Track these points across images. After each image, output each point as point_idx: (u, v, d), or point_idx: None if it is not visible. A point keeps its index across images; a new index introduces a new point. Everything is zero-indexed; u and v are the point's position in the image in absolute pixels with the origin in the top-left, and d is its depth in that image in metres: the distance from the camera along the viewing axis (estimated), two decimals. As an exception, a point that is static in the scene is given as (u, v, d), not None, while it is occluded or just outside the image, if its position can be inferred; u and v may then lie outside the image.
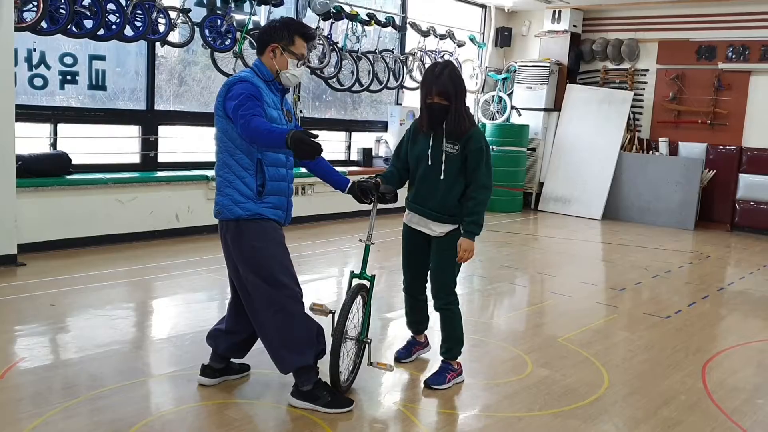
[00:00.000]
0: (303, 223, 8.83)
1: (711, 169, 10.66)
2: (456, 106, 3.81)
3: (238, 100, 3.38)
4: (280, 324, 3.56)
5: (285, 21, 3.67)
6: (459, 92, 3.84)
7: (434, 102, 3.81)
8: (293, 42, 3.59)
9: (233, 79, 3.54)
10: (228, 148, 3.51)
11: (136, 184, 7.43)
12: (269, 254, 3.56)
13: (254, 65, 3.62)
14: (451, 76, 3.80)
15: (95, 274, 6.14)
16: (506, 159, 11.35)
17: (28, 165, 6.58)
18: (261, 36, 3.66)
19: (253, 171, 3.51)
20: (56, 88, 7.10)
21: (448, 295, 4.03)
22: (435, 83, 3.79)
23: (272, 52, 3.58)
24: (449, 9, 11.64)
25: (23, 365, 4.09)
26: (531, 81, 11.75)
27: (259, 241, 3.54)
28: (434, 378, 4.03)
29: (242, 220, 3.52)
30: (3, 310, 5.15)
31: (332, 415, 3.57)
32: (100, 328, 4.82)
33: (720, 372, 4.58)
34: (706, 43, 10.70)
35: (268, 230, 3.57)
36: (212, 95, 8.74)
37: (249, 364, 4.09)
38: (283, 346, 3.58)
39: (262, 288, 3.54)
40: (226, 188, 3.53)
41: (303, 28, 3.67)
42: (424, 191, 3.95)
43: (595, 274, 7.55)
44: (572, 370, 4.43)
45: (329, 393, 3.65)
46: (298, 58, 3.61)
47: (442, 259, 3.98)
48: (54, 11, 6.49)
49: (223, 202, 3.54)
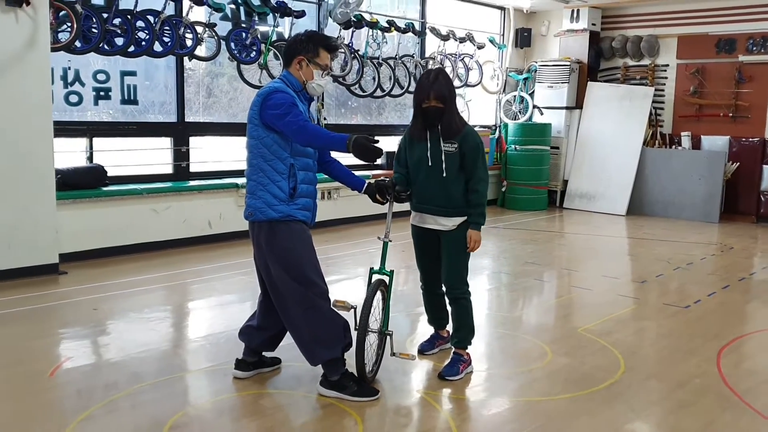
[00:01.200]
0: (329, 226, 9.07)
1: (734, 162, 10.68)
2: (450, 108, 4.05)
3: (281, 109, 3.64)
4: (310, 320, 3.79)
5: (309, 34, 3.91)
6: (452, 95, 4.10)
7: (431, 105, 4.02)
8: (318, 54, 3.83)
9: (268, 89, 3.76)
10: (263, 154, 3.74)
11: (170, 193, 7.73)
12: (300, 254, 3.79)
13: (283, 76, 3.86)
14: (445, 81, 4.06)
15: (133, 280, 6.43)
16: (530, 158, 11.48)
17: (66, 178, 6.90)
18: (287, 49, 3.91)
19: (286, 175, 3.74)
20: (90, 103, 7.42)
21: (461, 284, 4.22)
22: (432, 88, 4.01)
23: (298, 64, 3.82)
24: (468, 12, 11.82)
25: (69, 364, 4.36)
26: (552, 80, 11.87)
27: (291, 242, 3.77)
28: (448, 369, 4.22)
29: (274, 221, 3.75)
30: (48, 315, 5.46)
31: (359, 404, 3.78)
32: (139, 330, 5.09)
33: (736, 356, 4.70)
34: (725, 37, 10.73)
35: (298, 231, 3.80)
36: (239, 106, 9.05)
37: (280, 358, 4.32)
38: (313, 340, 3.81)
39: (294, 287, 3.77)
40: (260, 191, 3.75)
41: (327, 41, 3.92)
42: (428, 191, 4.16)
43: (617, 268, 7.66)
44: (590, 357, 4.59)
45: (355, 383, 3.86)
46: (323, 69, 3.86)
47: (454, 251, 4.18)
48: (87, 31, 6.83)
49: (256, 204, 3.77)
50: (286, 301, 3.82)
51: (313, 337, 3.81)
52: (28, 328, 5.10)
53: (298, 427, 3.61)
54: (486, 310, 5.94)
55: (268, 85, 3.84)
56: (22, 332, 4.98)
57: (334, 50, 3.94)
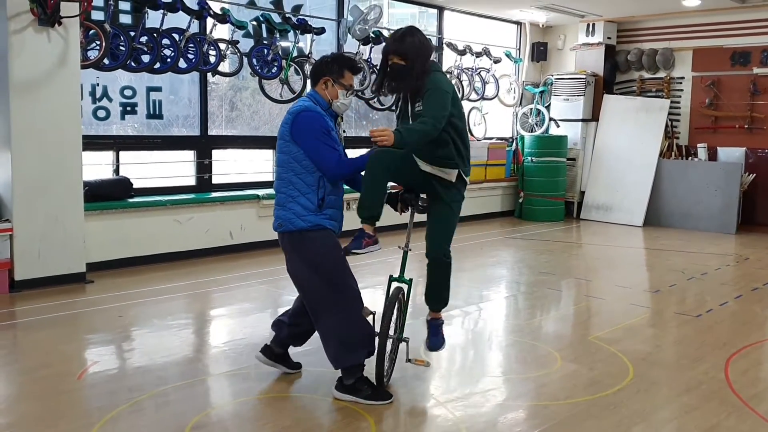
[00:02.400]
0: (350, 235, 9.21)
1: (751, 173, 10.72)
2: (413, 66, 3.90)
3: (318, 134, 3.90)
4: (340, 325, 3.97)
5: (335, 56, 4.22)
6: (419, 52, 3.92)
7: (393, 62, 3.95)
8: (343, 75, 4.08)
9: (298, 108, 4.00)
10: (293, 168, 3.95)
11: (193, 205, 7.96)
12: (333, 259, 4.00)
13: (311, 95, 4.11)
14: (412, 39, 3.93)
15: (157, 289, 6.65)
16: (546, 169, 11.60)
17: (93, 190, 7.14)
18: (314, 69, 4.18)
19: (315, 187, 3.95)
20: (117, 118, 7.68)
21: (448, 246, 4.15)
22: (395, 42, 3.95)
23: (324, 84, 4.08)
24: (485, 27, 12.00)
25: (96, 368, 4.55)
26: (568, 93, 11.99)
27: (322, 248, 3.98)
28: (436, 341, 4.33)
29: (304, 230, 3.96)
30: (76, 321, 5.68)
31: (375, 408, 3.92)
32: (163, 336, 5.29)
33: (744, 364, 4.79)
34: (739, 49, 10.80)
35: (327, 238, 4.02)
36: (261, 119, 9.27)
37: (301, 363, 4.49)
38: (341, 344, 3.98)
39: (326, 292, 3.97)
40: (290, 203, 3.97)
41: (351, 62, 4.19)
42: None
43: (631, 278, 7.75)
44: (599, 364, 4.70)
45: (370, 387, 4.02)
46: (347, 89, 4.11)
47: (447, 210, 4.11)
48: (115, 49, 7.08)
49: (286, 216, 3.97)
50: (318, 305, 4.01)
51: (340, 341, 3.98)
52: (56, 333, 5.31)
53: (315, 428, 3.76)
54: (502, 318, 6.09)
55: (298, 104, 4.07)
56: (51, 337, 5.20)
57: (358, 71, 4.21)
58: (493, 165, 11.63)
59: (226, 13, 7.93)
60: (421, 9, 11.29)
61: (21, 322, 5.67)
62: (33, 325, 5.54)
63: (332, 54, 4.24)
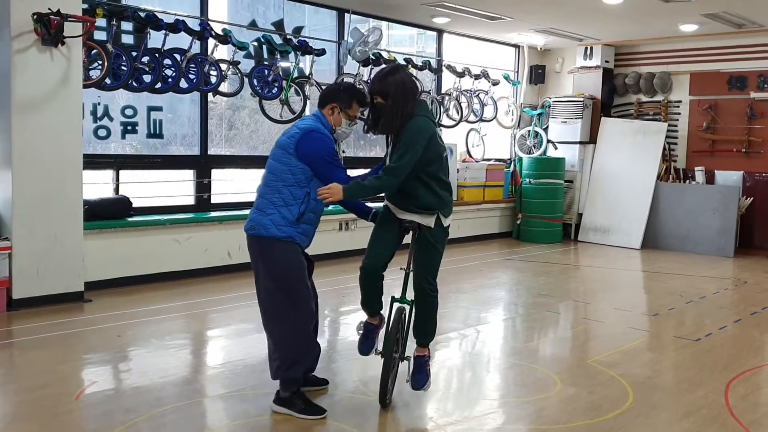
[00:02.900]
0: (346, 257, 9.25)
1: (748, 197, 10.76)
2: (392, 105, 3.95)
3: (329, 156, 4.03)
4: (286, 338, 4.08)
5: (348, 86, 4.42)
6: (398, 91, 3.96)
7: (376, 101, 4.04)
8: (351, 106, 4.22)
9: (306, 126, 4.10)
10: (286, 179, 4.03)
11: (191, 224, 7.96)
12: (296, 273, 4.09)
13: (317, 115, 4.22)
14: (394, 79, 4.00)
15: (155, 308, 6.63)
16: (544, 191, 11.63)
17: (93, 209, 7.15)
18: (326, 93, 4.31)
19: (300, 201, 4.04)
20: (118, 137, 7.70)
21: (435, 280, 4.17)
22: (376, 83, 4.04)
23: (331, 109, 4.21)
24: (483, 50, 12.10)
25: (94, 388, 4.53)
26: (566, 115, 12.06)
27: (288, 260, 4.06)
28: (420, 379, 4.21)
29: (275, 239, 4.03)
30: (73, 340, 5.65)
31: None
32: (161, 356, 5.27)
33: (744, 388, 4.78)
34: (736, 74, 10.90)
35: (294, 252, 4.09)
36: (260, 138, 9.31)
37: (327, 380, 4.56)
38: (283, 357, 4.07)
39: (282, 302, 4.07)
40: (270, 210, 4.04)
41: (362, 96, 4.31)
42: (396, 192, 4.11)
43: (630, 301, 7.75)
44: (599, 387, 4.69)
45: (304, 401, 4.10)
46: (351, 119, 4.25)
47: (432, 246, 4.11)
48: (117, 68, 7.12)
49: (263, 221, 4.04)
50: (271, 314, 4.12)
51: (283, 353, 4.07)
52: (54, 352, 5.29)
53: (314, 450, 3.75)
54: (500, 340, 6.08)
55: (306, 121, 4.17)
56: (49, 357, 5.18)
57: (367, 105, 4.26)
58: (491, 186, 11.66)
59: (228, 34, 7.99)
60: (419, 31, 11.38)
61: (18, 341, 5.65)
62: (30, 344, 5.52)
63: (345, 83, 4.45)
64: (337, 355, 5.41)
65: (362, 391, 4.55)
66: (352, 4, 9.40)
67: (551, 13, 9.82)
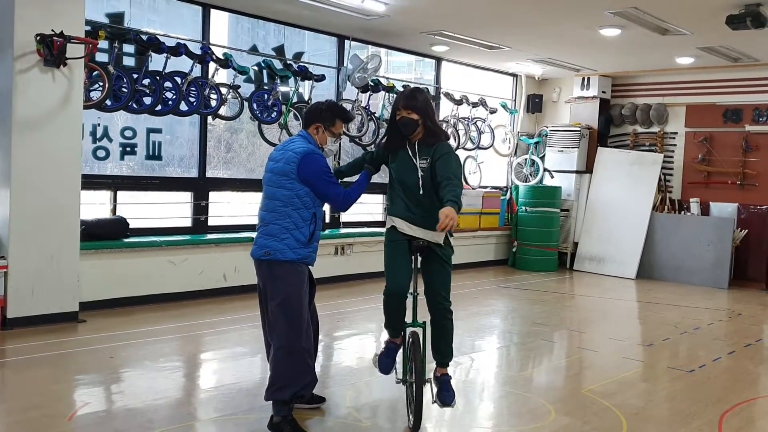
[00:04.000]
0: (342, 281, 9.25)
1: (743, 229, 10.82)
2: (424, 121, 4.16)
3: (326, 175, 4.17)
4: (283, 360, 4.12)
5: (330, 105, 4.43)
6: (428, 109, 4.18)
7: (402, 116, 4.16)
8: (334, 123, 4.33)
9: (304, 149, 4.19)
10: (294, 203, 4.14)
11: (188, 246, 7.96)
12: (299, 299, 4.16)
13: (305, 135, 4.31)
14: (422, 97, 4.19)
15: (149, 330, 6.61)
16: (540, 219, 11.68)
17: (90, 229, 7.15)
18: (308, 114, 4.40)
19: (309, 222, 4.17)
20: (117, 158, 7.73)
21: (449, 297, 4.30)
22: (405, 99, 4.17)
23: (316, 129, 4.32)
24: (481, 78, 12.21)
25: (87, 409, 4.51)
26: (562, 144, 12.16)
27: (295, 285, 4.14)
28: (448, 396, 4.31)
29: (289, 262, 4.11)
30: (67, 361, 5.63)
31: None
32: (154, 378, 5.25)
33: (737, 421, 4.77)
34: (732, 107, 11.02)
35: (301, 276, 4.19)
36: (257, 161, 9.33)
37: (324, 397, 4.62)
38: (275, 377, 4.12)
39: (283, 326, 4.11)
40: (284, 235, 4.13)
41: (344, 113, 4.44)
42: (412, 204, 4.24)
43: (624, 331, 7.75)
44: (593, 417, 4.68)
45: (291, 428, 4.10)
46: (335, 137, 4.36)
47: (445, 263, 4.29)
48: (117, 90, 7.17)
49: (278, 246, 4.12)
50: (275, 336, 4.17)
51: (278, 374, 4.12)
52: (47, 373, 5.26)
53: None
54: (495, 368, 6.07)
55: (297, 144, 4.24)
56: (42, 377, 5.14)
57: (349, 121, 4.45)
58: (487, 213, 11.70)
59: (229, 58, 8.06)
60: (417, 57, 11.49)
61: (12, 360, 5.62)
62: (24, 364, 5.49)
63: (327, 102, 4.47)
64: (330, 381, 5.39)
65: (355, 417, 4.53)
66: (352, 31, 9.50)
67: (549, 44, 9.94)
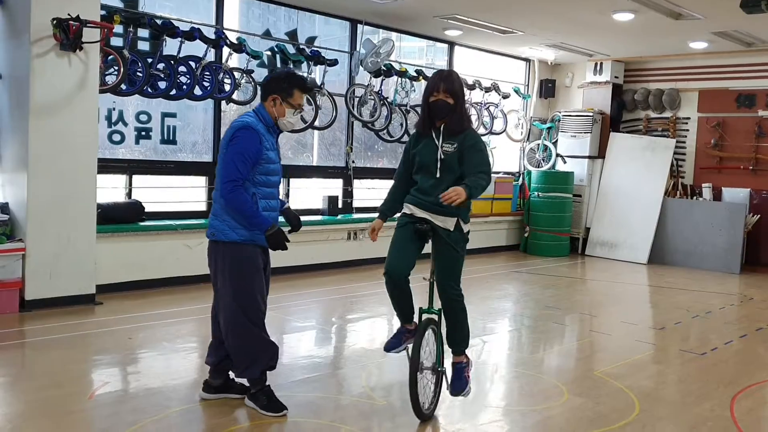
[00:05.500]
0: (355, 265, 9.31)
1: (755, 214, 10.79)
2: (459, 105, 4.07)
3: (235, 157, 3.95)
4: (241, 339, 4.17)
5: (287, 74, 4.29)
6: (462, 93, 4.11)
7: (438, 99, 4.03)
8: (292, 94, 4.15)
9: (238, 124, 4.08)
10: None
11: (203, 230, 7.96)
12: (249, 279, 4.14)
13: (257, 110, 4.19)
14: (458, 80, 4.12)
15: (166, 312, 6.69)
16: (552, 205, 11.68)
17: (106, 213, 7.22)
18: (265, 86, 4.27)
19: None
20: (132, 142, 7.79)
21: (458, 284, 4.16)
22: (443, 81, 4.04)
23: (273, 101, 4.15)
24: (494, 63, 12.19)
25: (106, 389, 4.59)
26: (575, 130, 12.14)
27: (244, 266, 4.12)
28: (458, 385, 4.22)
29: (233, 243, 4.09)
30: (86, 342, 5.72)
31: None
32: (171, 359, 5.34)
33: (749, 402, 4.81)
34: (745, 92, 10.97)
35: (252, 256, 4.15)
36: (271, 147, 9.35)
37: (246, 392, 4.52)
38: (242, 357, 4.20)
39: (234, 307, 4.13)
40: (224, 214, 4.10)
41: (302, 82, 4.24)
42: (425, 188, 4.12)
43: (636, 315, 7.78)
44: (605, 398, 4.73)
45: (267, 398, 4.19)
46: (295, 108, 4.18)
47: (453, 249, 4.10)
48: (132, 74, 7.22)
49: (220, 226, 4.12)
50: (228, 317, 4.18)
51: (242, 353, 4.19)
52: (66, 353, 5.35)
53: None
54: (507, 350, 6.11)
55: (241, 118, 4.13)
56: (61, 357, 5.24)
57: (308, 92, 4.26)
58: (499, 199, 11.72)
59: (242, 43, 8.10)
60: (429, 43, 11.48)
61: (31, 341, 5.72)
62: (43, 345, 5.59)
63: (285, 71, 4.32)
64: (344, 361, 5.46)
65: (369, 396, 4.60)
66: (365, 15, 9.50)
67: (562, 29, 9.91)
